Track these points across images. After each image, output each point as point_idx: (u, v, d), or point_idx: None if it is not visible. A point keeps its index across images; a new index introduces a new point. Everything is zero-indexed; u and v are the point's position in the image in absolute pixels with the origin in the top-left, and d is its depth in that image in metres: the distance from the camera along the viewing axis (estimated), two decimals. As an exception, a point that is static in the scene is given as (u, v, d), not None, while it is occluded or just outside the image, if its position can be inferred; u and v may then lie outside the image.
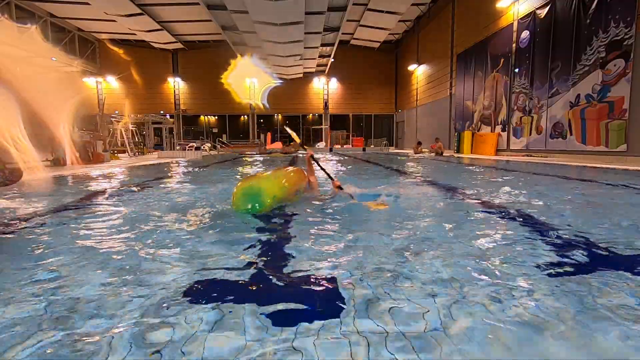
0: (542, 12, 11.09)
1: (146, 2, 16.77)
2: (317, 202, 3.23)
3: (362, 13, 18.51)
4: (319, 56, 22.66)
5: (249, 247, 2.04)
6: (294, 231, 2.38)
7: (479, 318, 1.18)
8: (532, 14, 11.54)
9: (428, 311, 1.22)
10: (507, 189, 4.35)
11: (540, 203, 3.36)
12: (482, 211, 3.04)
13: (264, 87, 23.35)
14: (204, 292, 1.44)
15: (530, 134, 11.91)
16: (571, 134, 10.16)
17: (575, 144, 10.05)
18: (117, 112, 20.24)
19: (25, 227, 2.75)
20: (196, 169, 9.27)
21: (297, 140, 3.89)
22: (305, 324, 1.16)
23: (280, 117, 27.77)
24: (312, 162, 3.58)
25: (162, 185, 5.52)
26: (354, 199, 3.12)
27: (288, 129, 3.88)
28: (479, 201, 3.53)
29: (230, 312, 1.26)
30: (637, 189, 4.40)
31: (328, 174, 3.51)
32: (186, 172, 8.47)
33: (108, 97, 24.77)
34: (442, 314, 1.21)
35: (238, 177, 5.77)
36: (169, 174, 7.74)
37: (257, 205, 2.65)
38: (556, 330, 1.11)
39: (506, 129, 13.20)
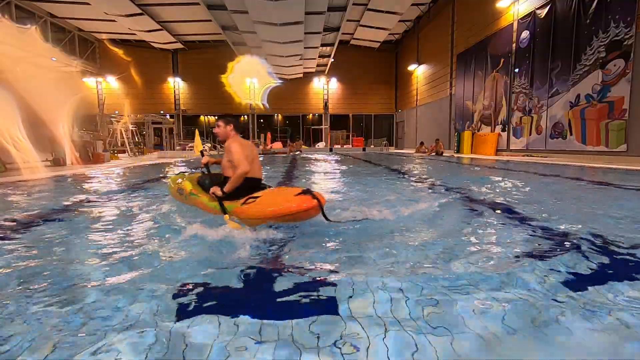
0: (542, 12, 11.08)
1: (146, 2, 16.74)
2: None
3: (362, 13, 18.48)
4: (319, 56, 22.63)
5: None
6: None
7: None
8: (532, 14, 11.53)
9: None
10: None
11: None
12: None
13: (264, 87, 23.22)
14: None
15: (530, 134, 11.89)
16: (571, 134, 10.15)
17: (575, 144, 10.04)
18: (117, 112, 20.24)
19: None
20: (196, 169, 9.26)
21: (198, 148, 3.50)
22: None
23: (280, 117, 27.75)
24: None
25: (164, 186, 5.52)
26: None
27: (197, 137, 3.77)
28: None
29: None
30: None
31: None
32: (186, 172, 8.45)
33: (108, 97, 24.75)
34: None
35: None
36: (170, 174, 7.74)
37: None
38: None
39: (506, 129, 13.19)
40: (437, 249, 2.02)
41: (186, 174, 3.65)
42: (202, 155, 3.25)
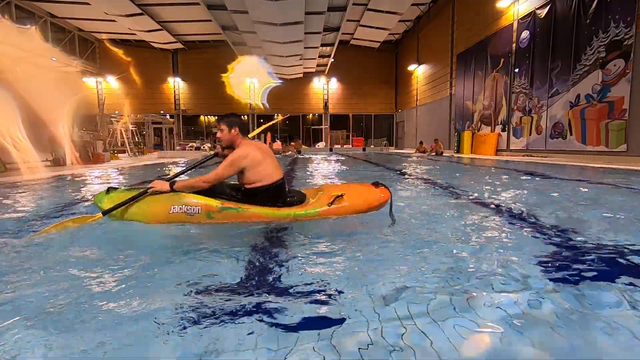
0: (542, 12, 11.08)
1: (146, 2, 16.74)
2: None
3: (362, 13, 18.48)
4: (319, 56, 22.63)
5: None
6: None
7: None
8: (532, 14, 11.53)
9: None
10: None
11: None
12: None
13: (264, 87, 23.17)
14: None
15: (530, 134, 11.89)
16: (571, 134, 10.15)
17: (575, 144, 10.04)
18: (117, 112, 20.25)
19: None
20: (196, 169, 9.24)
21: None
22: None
23: (280, 117, 27.75)
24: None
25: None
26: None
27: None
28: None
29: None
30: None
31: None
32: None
33: (108, 97, 24.75)
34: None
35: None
36: (170, 174, 7.74)
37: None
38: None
39: (506, 129, 13.19)
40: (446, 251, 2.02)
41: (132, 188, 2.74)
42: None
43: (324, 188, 2.75)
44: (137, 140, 19.17)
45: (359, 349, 1.06)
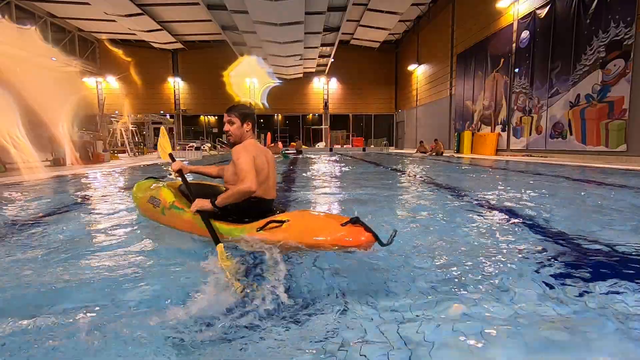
0: (542, 12, 11.08)
1: (146, 2, 16.74)
2: None
3: (362, 13, 18.49)
4: (319, 56, 22.63)
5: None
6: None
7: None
8: (532, 14, 11.53)
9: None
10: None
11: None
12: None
13: (264, 87, 23.08)
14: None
15: (530, 134, 11.89)
16: (571, 134, 10.14)
17: (575, 144, 10.03)
18: (117, 112, 20.24)
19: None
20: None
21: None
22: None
23: (280, 117, 27.75)
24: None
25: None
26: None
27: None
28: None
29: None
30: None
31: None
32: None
33: (108, 97, 24.76)
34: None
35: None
36: (170, 174, 7.74)
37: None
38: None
39: (506, 129, 13.19)
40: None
41: (163, 180, 2.76)
42: (173, 159, 2.37)
43: (293, 214, 2.04)
44: (137, 140, 19.16)
45: None
